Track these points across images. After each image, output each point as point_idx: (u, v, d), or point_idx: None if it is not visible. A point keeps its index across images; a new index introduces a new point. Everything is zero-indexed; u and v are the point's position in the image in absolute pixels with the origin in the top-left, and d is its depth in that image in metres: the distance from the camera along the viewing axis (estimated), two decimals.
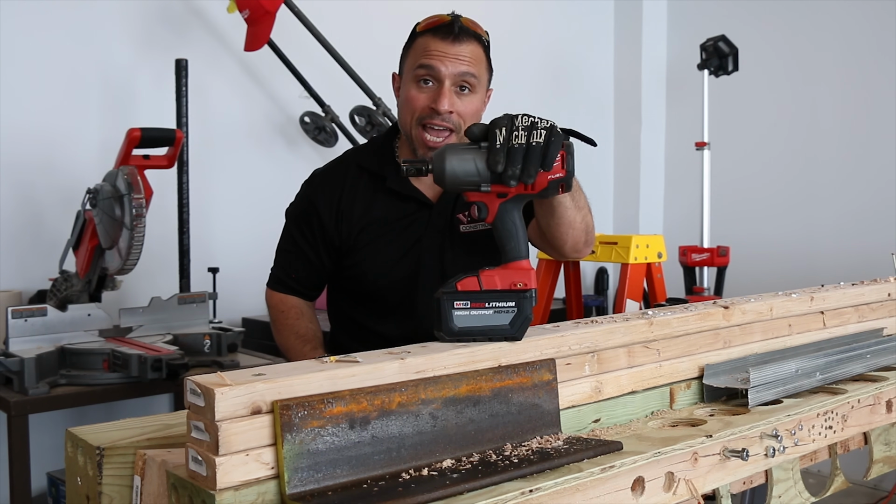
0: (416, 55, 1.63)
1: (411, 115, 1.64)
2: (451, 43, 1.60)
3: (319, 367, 0.87)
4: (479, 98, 1.66)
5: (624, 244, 3.15)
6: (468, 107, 1.62)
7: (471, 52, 1.61)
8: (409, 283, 1.69)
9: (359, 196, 1.73)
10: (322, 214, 1.74)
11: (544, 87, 4.27)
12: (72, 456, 1.01)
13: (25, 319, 2.16)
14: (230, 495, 0.77)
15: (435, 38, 1.61)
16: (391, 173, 1.71)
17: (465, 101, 1.62)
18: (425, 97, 1.61)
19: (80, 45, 2.89)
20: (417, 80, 1.62)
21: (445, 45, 1.60)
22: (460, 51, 1.60)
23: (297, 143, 3.40)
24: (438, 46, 1.60)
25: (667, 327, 1.23)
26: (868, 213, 3.75)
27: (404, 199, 1.71)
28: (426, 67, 1.60)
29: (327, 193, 1.74)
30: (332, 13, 3.35)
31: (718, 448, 1.07)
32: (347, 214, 1.72)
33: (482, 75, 1.65)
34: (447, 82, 1.60)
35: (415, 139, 1.65)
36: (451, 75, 1.60)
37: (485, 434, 0.95)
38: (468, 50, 1.61)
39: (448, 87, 1.60)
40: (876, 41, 3.75)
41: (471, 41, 1.62)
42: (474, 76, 1.62)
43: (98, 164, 2.74)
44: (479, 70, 1.63)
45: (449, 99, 1.59)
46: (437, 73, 1.60)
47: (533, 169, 1.02)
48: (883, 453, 1.48)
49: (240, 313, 3.18)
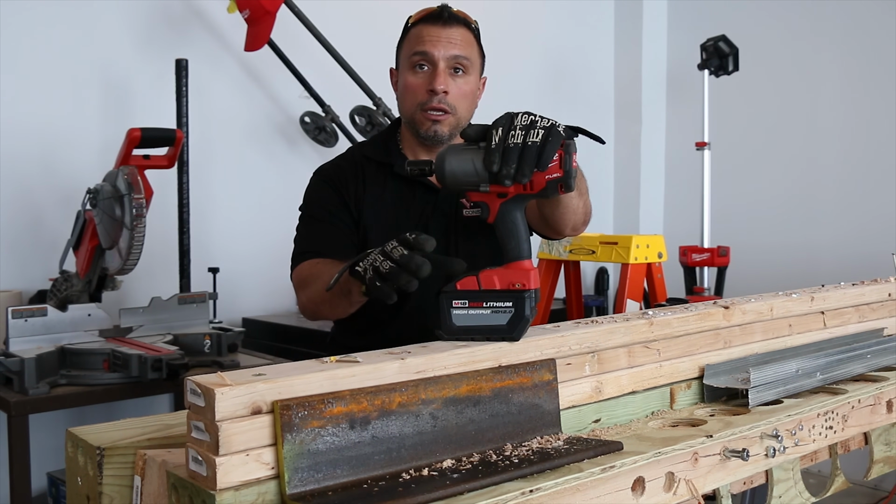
0: (410, 44, 1.72)
1: (412, 100, 1.71)
2: (442, 27, 1.69)
3: (319, 367, 0.87)
4: (472, 80, 1.73)
5: (624, 244, 3.15)
6: (462, 88, 1.70)
7: (461, 36, 1.70)
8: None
9: (367, 183, 1.77)
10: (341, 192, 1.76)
11: (544, 87, 4.27)
12: (72, 456, 1.01)
13: (26, 319, 2.16)
14: (230, 495, 0.77)
15: (426, 26, 1.70)
16: (397, 160, 1.76)
17: (459, 82, 1.70)
18: (422, 81, 1.69)
19: (81, 45, 2.89)
20: (413, 66, 1.70)
21: (437, 30, 1.69)
22: (451, 34, 1.69)
23: (298, 143, 3.40)
24: (430, 32, 1.69)
25: (667, 327, 1.23)
26: (868, 212, 3.75)
27: (411, 185, 1.75)
28: (420, 53, 1.69)
29: (339, 179, 1.78)
30: (332, 13, 3.35)
31: (719, 448, 1.07)
32: (355, 202, 1.75)
33: (474, 59, 1.73)
34: (441, 64, 1.68)
35: (417, 123, 1.71)
36: (445, 58, 1.68)
37: (485, 434, 0.95)
38: (459, 34, 1.70)
39: (443, 69, 1.68)
40: (877, 41, 3.75)
41: (460, 26, 1.71)
42: (466, 58, 1.70)
43: (98, 164, 2.74)
44: (470, 53, 1.71)
45: (444, 79, 1.67)
46: (431, 56, 1.68)
47: (527, 168, 1.02)
48: (883, 453, 1.48)
49: (240, 313, 3.18)
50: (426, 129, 1.70)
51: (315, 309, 1.64)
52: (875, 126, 3.76)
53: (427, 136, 1.70)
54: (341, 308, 1.54)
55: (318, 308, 1.62)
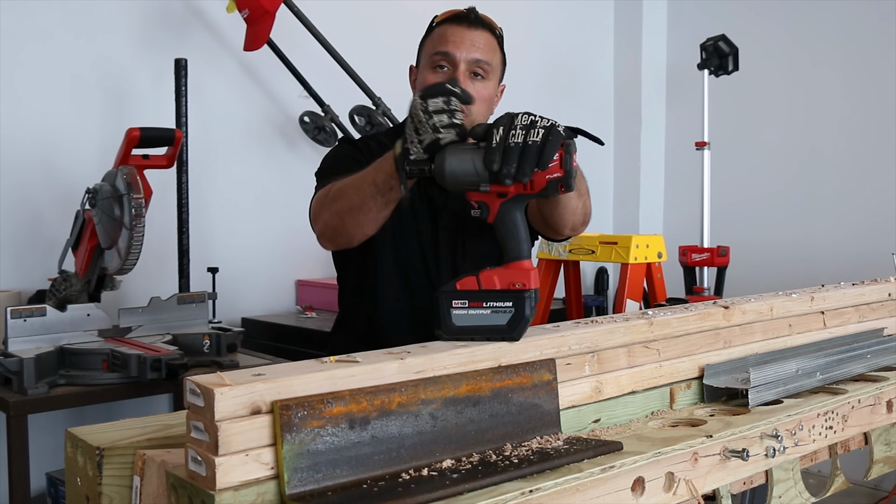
0: (433, 43, 1.71)
1: None
2: (467, 28, 1.67)
3: (319, 368, 0.86)
4: (491, 86, 1.71)
5: (624, 244, 3.15)
6: (481, 93, 1.68)
7: (485, 41, 1.69)
8: (425, 262, 1.73)
9: None
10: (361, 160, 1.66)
11: (544, 87, 4.27)
12: (71, 456, 1.00)
13: (25, 319, 2.15)
14: (230, 495, 0.77)
15: (451, 26, 1.69)
16: None
17: (477, 87, 1.68)
18: (440, 80, 1.67)
19: (80, 45, 2.89)
20: (434, 65, 1.69)
21: (461, 31, 1.67)
22: (475, 37, 1.67)
23: (297, 142, 3.40)
24: (455, 32, 1.67)
25: (667, 327, 1.23)
26: (868, 212, 3.75)
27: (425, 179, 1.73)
28: (442, 53, 1.67)
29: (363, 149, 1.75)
30: (332, 13, 3.35)
31: (719, 448, 1.07)
32: None
33: (495, 65, 1.72)
34: (462, 66, 1.66)
35: None
36: (466, 60, 1.66)
37: (485, 434, 0.95)
38: (483, 38, 1.68)
39: (463, 70, 1.66)
40: (877, 40, 3.75)
41: (485, 30, 1.70)
42: (488, 63, 1.68)
43: (98, 163, 2.73)
44: (492, 58, 1.70)
45: (463, 81, 1.65)
46: (453, 58, 1.66)
47: (528, 168, 1.02)
48: (883, 453, 1.48)
49: (239, 313, 3.18)
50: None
51: (340, 223, 1.48)
52: (875, 126, 3.76)
53: None
54: (373, 213, 1.41)
55: (344, 220, 1.47)
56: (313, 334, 2.86)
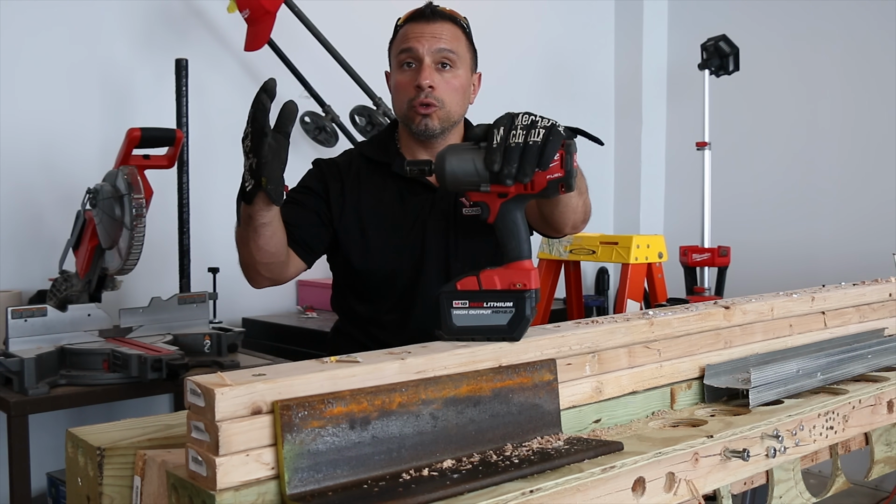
0: (398, 44, 1.75)
1: (402, 98, 1.73)
2: (427, 23, 1.71)
3: (319, 368, 0.86)
4: (461, 75, 1.74)
5: (624, 244, 3.15)
6: (451, 82, 1.71)
7: (447, 31, 1.72)
8: (415, 265, 1.74)
9: (364, 183, 1.78)
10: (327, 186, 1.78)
11: (544, 87, 4.27)
12: (72, 456, 1.00)
13: (25, 319, 2.15)
14: (230, 496, 0.77)
15: (412, 24, 1.73)
16: (395, 160, 1.78)
17: (446, 76, 1.71)
18: (409, 78, 1.71)
19: (80, 45, 2.89)
20: (401, 64, 1.72)
21: (421, 26, 1.71)
22: (435, 30, 1.71)
23: (297, 143, 3.39)
24: (415, 29, 1.71)
25: (667, 327, 1.23)
26: (869, 212, 3.75)
27: (409, 184, 1.77)
28: (406, 51, 1.71)
29: (330, 174, 1.80)
30: (332, 13, 3.35)
31: (719, 448, 1.07)
32: (352, 201, 1.76)
33: (462, 53, 1.74)
34: (427, 59, 1.69)
35: (409, 120, 1.73)
36: (430, 52, 1.69)
37: (485, 434, 0.95)
38: (444, 29, 1.72)
39: (428, 64, 1.69)
40: (877, 41, 3.74)
41: (446, 21, 1.73)
42: (453, 52, 1.71)
43: (98, 164, 2.74)
44: (456, 47, 1.72)
45: (429, 73, 1.68)
46: (416, 52, 1.70)
47: (529, 168, 1.02)
48: (884, 454, 1.48)
49: (240, 313, 3.18)
50: (417, 124, 1.71)
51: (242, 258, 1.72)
52: (875, 126, 3.76)
53: (418, 132, 1.72)
54: (253, 241, 1.61)
55: (241, 254, 1.70)
56: (314, 334, 2.86)
